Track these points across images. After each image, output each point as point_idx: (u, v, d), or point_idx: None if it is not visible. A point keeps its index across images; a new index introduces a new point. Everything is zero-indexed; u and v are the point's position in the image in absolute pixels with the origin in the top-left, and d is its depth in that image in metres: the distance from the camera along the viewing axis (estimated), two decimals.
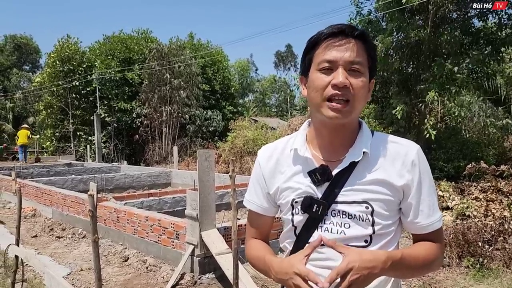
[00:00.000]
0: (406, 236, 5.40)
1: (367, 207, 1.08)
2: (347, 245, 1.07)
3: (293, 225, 1.17)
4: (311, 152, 1.16)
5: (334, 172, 1.10)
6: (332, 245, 1.01)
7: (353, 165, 1.10)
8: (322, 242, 1.03)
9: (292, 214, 1.16)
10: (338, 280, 0.96)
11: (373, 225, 1.08)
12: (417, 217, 1.10)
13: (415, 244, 1.14)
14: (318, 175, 1.11)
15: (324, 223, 1.11)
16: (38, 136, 18.62)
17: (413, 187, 1.08)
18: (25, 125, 18.62)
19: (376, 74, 1.13)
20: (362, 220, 1.08)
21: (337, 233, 1.10)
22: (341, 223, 1.10)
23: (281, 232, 1.26)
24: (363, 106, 1.12)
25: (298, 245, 1.14)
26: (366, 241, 1.09)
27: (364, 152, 1.09)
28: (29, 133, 17.26)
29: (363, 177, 1.09)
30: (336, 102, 1.05)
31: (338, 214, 1.10)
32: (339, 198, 1.09)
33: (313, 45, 1.11)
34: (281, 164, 1.21)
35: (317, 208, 1.10)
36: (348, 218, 1.09)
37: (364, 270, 0.96)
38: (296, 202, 1.14)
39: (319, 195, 1.11)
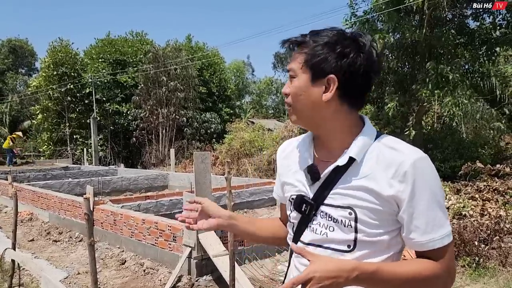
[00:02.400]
0: None
1: (350, 213, 1.05)
2: (329, 247, 1.08)
3: (291, 221, 1.21)
4: (312, 151, 1.18)
5: (324, 173, 1.10)
6: (299, 252, 1.00)
7: (342, 168, 1.08)
8: (310, 242, 1.07)
9: (290, 210, 1.19)
10: None
11: (356, 231, 1.05)
12: (411, 233, 1.03)
13: (411, 260, 1.07)
14: (308, 173, 1.12)
15: (312, 223, 1.12)
16: (21, 138, 19.01)
17: (404, 200, 1.00)
18: (18, 132, 19.13)
19: (332, 68, 1.04)
20: (344, 226, 1.06)
21: (320, 234, 1.10)
22: (326, 225, 1.09)
23: None
24: (314, 106, 1.07)
25: (294, 241, 1.17)
26: (349, 246, 1.06)
27: (351, 158, 1.06)
28: (9, 138, 18.11)
29: (350, 182, 1.06)
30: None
31: (325, 216, 1.10)
32: (327, 200, 1.09)
33: None
34: (291, 160, 1.24)
35: (305, 208, 1.12)
36: (333, 221, 1.08)
37: (326, 280, 0.93)
38: (292, 198, 1.17)
39: (311, 195, 1.12)
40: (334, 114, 1.08)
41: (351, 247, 1.06)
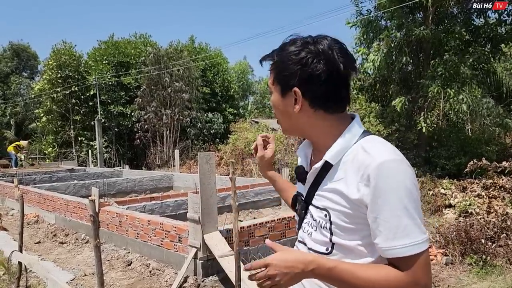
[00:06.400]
0: None
1: (325, 215, 1.07)
2: (311, 249, 1.12)
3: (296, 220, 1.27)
4: (310, 152, 1.22)
5: (308, 174, 1.15)
6: (270, 246, 1.04)
7: (324, 170, 1.10)
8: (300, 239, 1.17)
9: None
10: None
11: (331, 233, 1.07)
12: (376, 238, 0.99)
13: (375, 264, 1.03)
14: (296, 175, 1.20)
15: (303, 221, 1.18)
16: (24, 147, 19.45)
17: (368, 204, 0.98)
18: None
19: (295, 80, 1.07)
20: (321, 227, 1.08)
21: (307, 233, 1.15)
22: (311, 224, 1.13)
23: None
24: (291, 117, 1.12)
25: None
26: (327, 249, 1.08)
27: (326, 161, 1.08)
28: (13, 146, 19.07)
29: (327, 184, 1.08)
30: None
31: (311, 216, 1.13)
32: (313, 201, 1.13)
33: None
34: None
35: (299, 207, 1.18)
36: (315, 221, 1.12)
37: (283, 269, 0.96)
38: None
39: (304, 195, 1.18)
40: (311, 121, 1.11)
41: (329, 250, 1.07)
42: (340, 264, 0.99)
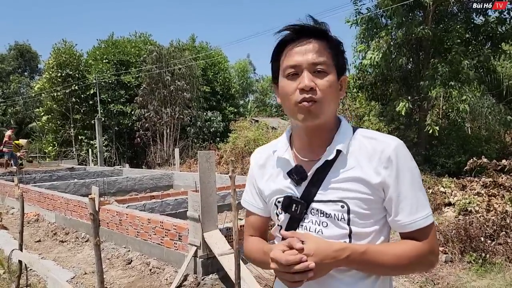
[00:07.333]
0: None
1: (342, 206, 1.07)
2: None
3: (278, 224, 1.21)
4: (292, 153, 1.19)
5: (311, 171, 1.12)
6: (292, 235, 1.05)
7: (329, 163, 1.10)
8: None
9: (277, 214, 1.20)
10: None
11: (349, 224, 1.07)
12: (398, 215, 1.07)
13: (397, 241, 1.10)
14: (294, 174, 1.14)
15: (304, 222, 1.14)
16: (22, 146, 19.35)
17: (390, 184, 1.06)
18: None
19: (346, 70, 1.15)
20: (338, 219, 1.08)
21: (315, 231, 1.11)
22: (320, 222, 1.10)
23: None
24: (335, 105, 1.12)
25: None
26: (345, 242, 1.07)
27: (338, 151, 1.09)
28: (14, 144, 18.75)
29: (339, 175, 1.09)
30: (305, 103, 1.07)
31: (316, 213, 1.11)
32: (317, 197, 1.11)
33: (277, 52, 1.13)
34: (268, 165, 1.25)
35: (296, 208, 1.13)
36: (326, 217, 1.10)
37: (320, 258, 0.99)
38: (278, 201, 1.18)
39: (299, 195, 1.14)
40: (336, 110, 1.16)
41: (348, 243, 1.07)
42: (370, 246, 1.05)
